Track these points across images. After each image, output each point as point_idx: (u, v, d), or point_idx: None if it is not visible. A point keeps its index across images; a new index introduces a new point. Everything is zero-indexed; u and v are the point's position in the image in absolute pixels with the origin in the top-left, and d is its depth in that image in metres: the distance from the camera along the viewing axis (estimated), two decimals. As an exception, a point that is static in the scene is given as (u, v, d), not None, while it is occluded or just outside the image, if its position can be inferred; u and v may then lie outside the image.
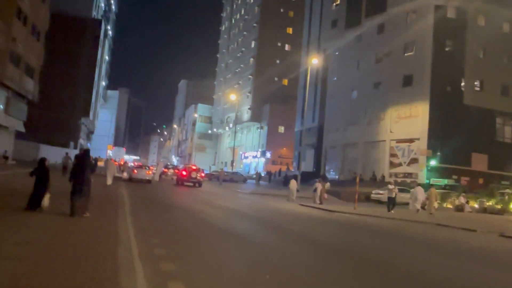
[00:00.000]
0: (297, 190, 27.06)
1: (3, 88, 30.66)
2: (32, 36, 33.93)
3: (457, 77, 39.24)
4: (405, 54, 41.08)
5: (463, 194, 27.41)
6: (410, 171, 39.41)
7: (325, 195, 25.11)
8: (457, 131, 37.18)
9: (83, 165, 10.23)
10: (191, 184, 31.81)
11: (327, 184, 38.30)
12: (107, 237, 8.03)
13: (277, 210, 19.92)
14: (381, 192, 31.13)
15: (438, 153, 37.92)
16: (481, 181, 38.50)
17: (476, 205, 25.98)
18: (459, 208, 26.95)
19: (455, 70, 38.79)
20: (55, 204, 10.36)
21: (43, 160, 10.47)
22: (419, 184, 25.70)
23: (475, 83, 40.16)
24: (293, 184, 26.24)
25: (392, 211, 21.41)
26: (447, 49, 39.35)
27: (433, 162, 37.74)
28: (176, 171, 42.60)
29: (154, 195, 21.59)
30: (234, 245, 9.04)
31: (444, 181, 36.78)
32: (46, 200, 9.95)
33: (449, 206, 27.72)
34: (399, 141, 40.61)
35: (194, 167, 34.32)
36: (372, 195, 31.72)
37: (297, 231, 12.78)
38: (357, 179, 22.77)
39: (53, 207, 10.20)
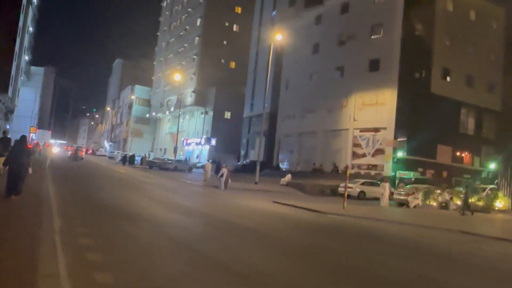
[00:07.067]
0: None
1: None
2: None
3: (425, 64, 36.88)
4: (372, 37, 38.04)
5: (448, 190, 24.71)
6: (375, 163, 36.70)
7: (229, 181, 25.52)
8: (424, 121, 35.07)
9: (19, 151, 10.80)
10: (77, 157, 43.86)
11: (288, 176, 34.91)
12: None
13: (262, 212, 15.35)
14: (350, 185, 28.15)
15: (405, 144, 35.51)
16: (445, 174, 36.80)
17: (459, 202, 23.34)
18: (444, 206, 24.22)
19: (423, 56, 36.37)
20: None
21: None
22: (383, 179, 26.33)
23: (442, 71, 37.98)
24: (208, 166, 31.06)
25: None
26: (416, 33, 36.79)
27: (400, 154, 35.24)
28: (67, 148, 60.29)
29: (88, 188, 16.24)
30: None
31: (410, 174, 34.38)
32: None
33: (432, 203, 24.92)
34: (363, 130, 37.67)
35: (80, 147, 57.70)
36: (340, 189, 28.50)
37: (343, 262, 8.37)
38: (347, 173, 18.54)
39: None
